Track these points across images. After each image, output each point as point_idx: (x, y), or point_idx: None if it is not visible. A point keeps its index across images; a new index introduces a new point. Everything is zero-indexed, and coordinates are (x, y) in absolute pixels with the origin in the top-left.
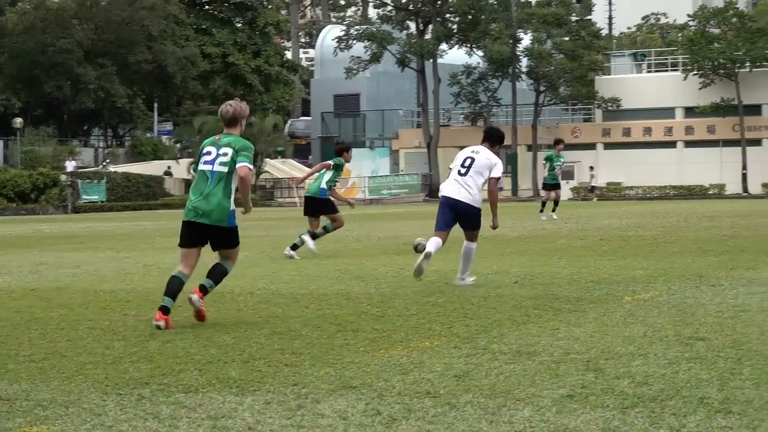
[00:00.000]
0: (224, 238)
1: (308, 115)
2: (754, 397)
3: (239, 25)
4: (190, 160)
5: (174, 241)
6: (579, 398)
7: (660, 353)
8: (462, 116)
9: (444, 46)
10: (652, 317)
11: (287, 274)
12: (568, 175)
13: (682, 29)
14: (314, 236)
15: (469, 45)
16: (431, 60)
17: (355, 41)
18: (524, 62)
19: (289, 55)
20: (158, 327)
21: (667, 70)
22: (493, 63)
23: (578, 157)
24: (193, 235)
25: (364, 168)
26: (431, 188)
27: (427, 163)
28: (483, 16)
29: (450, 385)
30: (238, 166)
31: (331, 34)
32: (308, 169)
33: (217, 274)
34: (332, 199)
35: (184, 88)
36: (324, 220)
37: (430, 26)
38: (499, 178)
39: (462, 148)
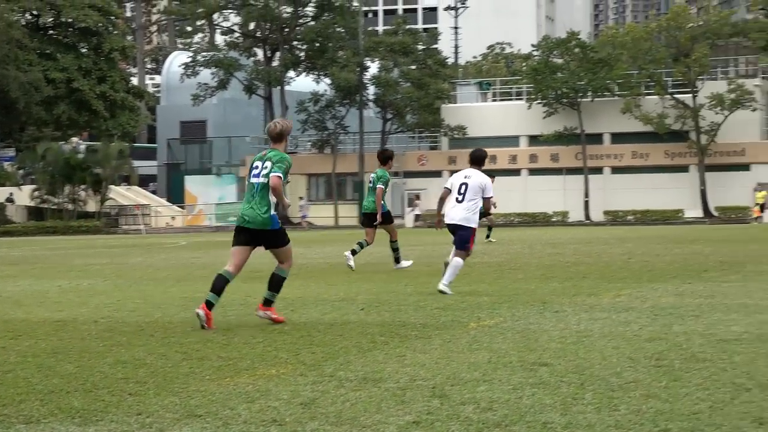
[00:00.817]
0: (272, 239)
1: (154, 142)
2: (595, 421)
3: (84, 50)
4: (34, 186)
5: (15, 269)
6: (425, 424)
7: (504, 379)
8: (309, 143)
9: (291, 73)
10: (497, 343)
11: (132, 302)
12: (413, 203)
13: (526, 59)
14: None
15: (316, 72)
16: (279, 87)
17: (202, 68)
18: (371, 90)
19: (134, 81)
20: (197, 315)
21: (511, 99)
22: (341, 90)
23: (424, 184)
24: (241, 236)
25: (210, 195)
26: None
27: None
28: (331, 44)
29: (296, 412)
30: (270, 174)
31: (177, 60)
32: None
33: (275, 284)
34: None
35: (28, 113)
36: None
37: (278, 53)
38: (491, 197)
39: (310, 175)
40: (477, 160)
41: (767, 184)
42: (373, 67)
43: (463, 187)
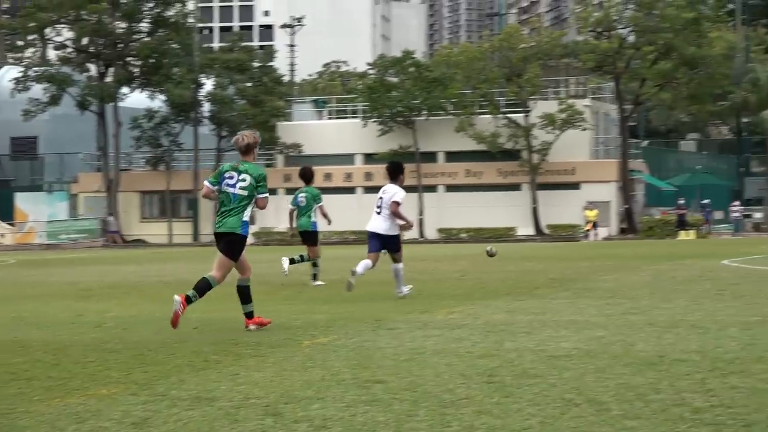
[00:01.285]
0: (231, 243)
1: None
2: None
3: None
4: None
5: None
6: None
7: (338, 396)
8: (143, 160)
9: (125, 89)
10: (331, 361)
11: None
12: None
13: (361, 77)
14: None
15: (151, 89)
16: (112, 103)
17: (33, 83)
18: (206, 107)
19: None
20: (174, 301)
21: (347, 117)
22: (176, 107)
23: None
24: (219, 242)
25: (41, 212)
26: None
27: (107, 208)
28: (165, 60)
29: None
30: (259, 197)
31: (8, 75)
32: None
33: (243, 295)
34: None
35: None
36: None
37: (112, 69)
38: (399, 203)
39: (144, 192)
40: (392, 175)
41: (596, 202)
42: (209, 84)
43: (380, 201)
